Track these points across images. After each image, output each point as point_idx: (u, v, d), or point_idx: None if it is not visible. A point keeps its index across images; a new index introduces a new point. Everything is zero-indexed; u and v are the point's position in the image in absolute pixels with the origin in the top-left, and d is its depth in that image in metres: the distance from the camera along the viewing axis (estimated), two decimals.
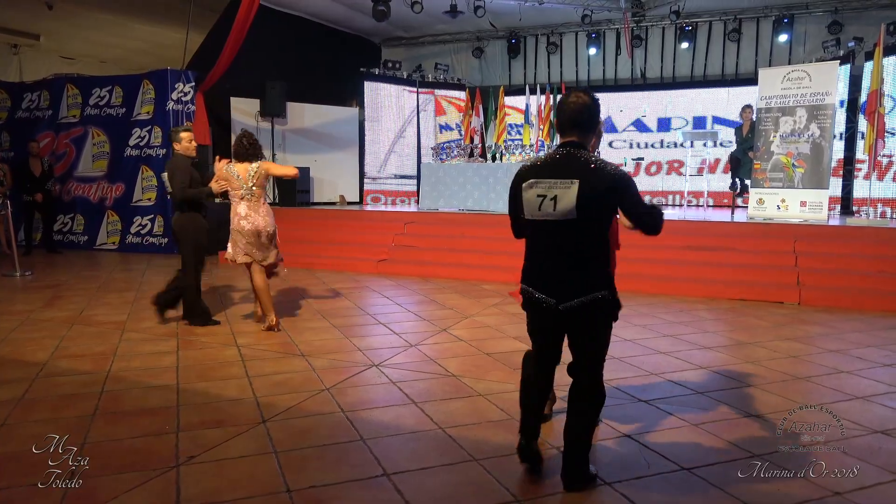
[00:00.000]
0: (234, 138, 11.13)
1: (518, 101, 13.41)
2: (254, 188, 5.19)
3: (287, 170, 5.54)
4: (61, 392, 3.84)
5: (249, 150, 5.23)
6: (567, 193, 2.49)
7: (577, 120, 2.60)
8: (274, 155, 11.62)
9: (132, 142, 10.61)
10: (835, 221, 8.72)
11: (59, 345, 4.88)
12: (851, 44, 10.77)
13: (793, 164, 8.52)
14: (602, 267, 2.63)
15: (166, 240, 10.26)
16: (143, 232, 10.66)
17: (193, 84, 10.48)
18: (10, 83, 12.18)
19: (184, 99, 10.50)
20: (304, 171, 11.44)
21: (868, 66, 9.65)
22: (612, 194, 2.52)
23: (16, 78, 12.86)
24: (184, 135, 5.39)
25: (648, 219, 2.57)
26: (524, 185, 2.60)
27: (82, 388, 3.89)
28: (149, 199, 10.59)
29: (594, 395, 2.71)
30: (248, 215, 5.18)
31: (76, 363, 4.42)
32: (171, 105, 10.39)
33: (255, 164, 5.20)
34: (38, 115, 11.48)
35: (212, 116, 10.42)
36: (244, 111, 11.46)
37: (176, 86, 10.45)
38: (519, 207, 2.67)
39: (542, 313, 2.68)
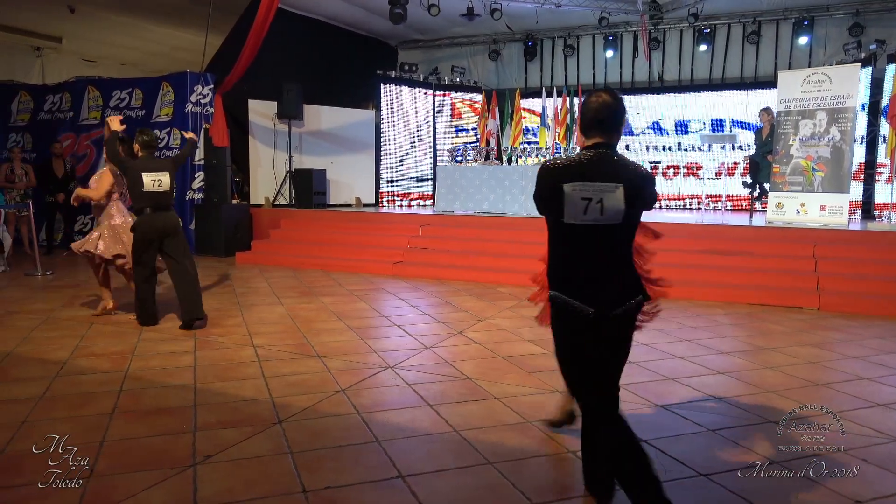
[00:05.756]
0: (251, 140, 11.43)
1: (534, 104, 13.36)
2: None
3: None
4: (81, 390, 3.89)
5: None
6: (613, 197, 2.35)
7: (598, 119, 2.46)
8: (291, 157, 11.70)
9: None
10: (855, 226, 8.59)
11: (79, 344, 4.95)
12: (873, 46, 10.63)
13: (812, 168, 8.42)
14: (635, 270, 2.54)
15: None
16: None
17: (212, 86, 10.58)
18: (33, 85, 12.37)
19: (202, 101, 10.61)
20: (321, 173, 11.52)
21: (890, 69, 9.52)
22: (645, 193, 2.45)
23: (38, 80, 13.07)
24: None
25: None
26: (566, 186, 2.37)
27: (101, 387, 3.94)
28: None
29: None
30: None
31: (95, 362, 4.48)
32: (189, 107, 10.49)
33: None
34: (59, 117, 11.64)
35: (230, 118, 10.51)
36: (261, 113, 11.54)
37: (195, 88, 10.55)
38: (560, 210, 2.41)
39: (578, 325, 2.44)
